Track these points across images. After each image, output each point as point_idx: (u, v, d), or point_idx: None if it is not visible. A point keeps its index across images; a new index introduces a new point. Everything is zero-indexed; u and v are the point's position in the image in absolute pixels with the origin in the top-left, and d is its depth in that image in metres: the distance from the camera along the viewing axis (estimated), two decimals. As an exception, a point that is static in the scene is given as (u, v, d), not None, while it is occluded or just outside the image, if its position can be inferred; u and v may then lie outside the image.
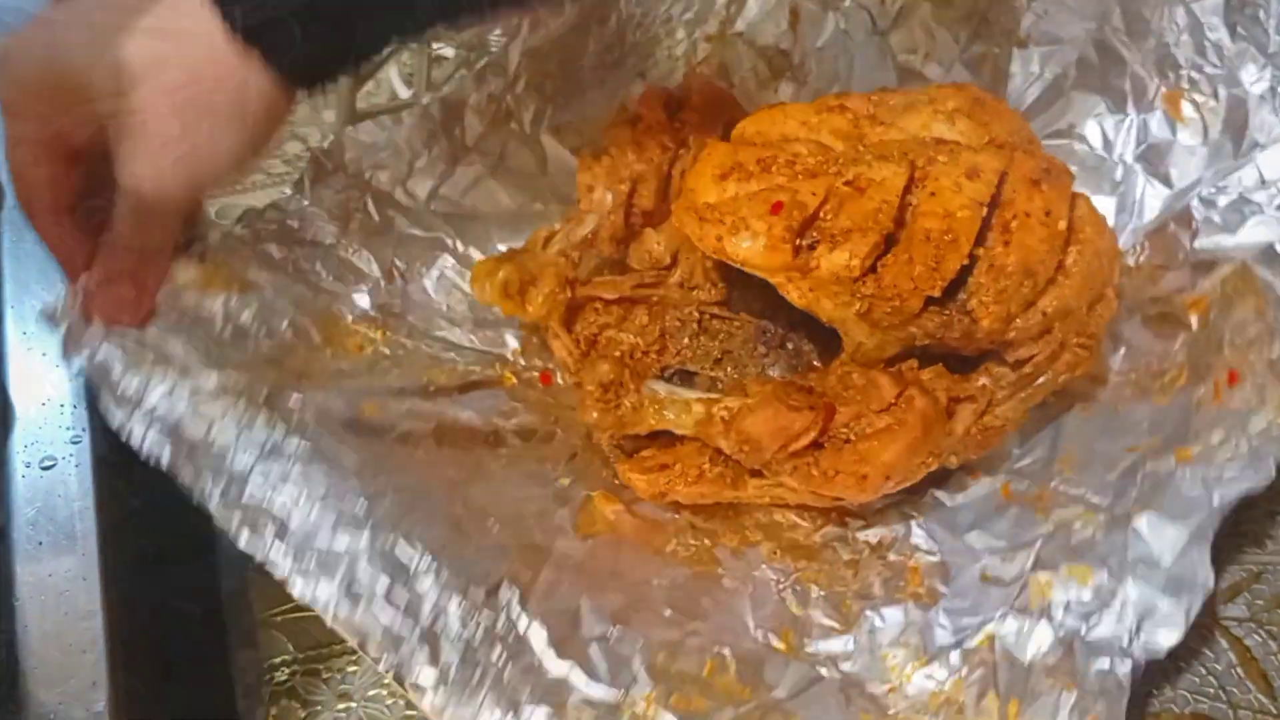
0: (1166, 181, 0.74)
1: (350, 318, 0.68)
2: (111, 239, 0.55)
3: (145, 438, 0.54)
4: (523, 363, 0.72)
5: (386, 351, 0.68)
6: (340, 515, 0.54)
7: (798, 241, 0.61)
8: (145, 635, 0.60)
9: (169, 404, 0.55)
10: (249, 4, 0.50)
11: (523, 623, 0.54)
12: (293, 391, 0.59)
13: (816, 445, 0.61)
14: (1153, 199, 0.75)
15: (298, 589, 0.52)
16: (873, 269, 0.60)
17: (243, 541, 0.53)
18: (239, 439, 0.55)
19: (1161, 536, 0.55)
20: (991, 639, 0.55)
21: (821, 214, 0.61)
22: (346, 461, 0.57)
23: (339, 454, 0.58)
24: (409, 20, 0.54)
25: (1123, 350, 0.69)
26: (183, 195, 0.54)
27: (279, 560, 0.53)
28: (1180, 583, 0.53)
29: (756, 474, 0.63)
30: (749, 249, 0.61)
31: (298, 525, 0.54)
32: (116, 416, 0.55)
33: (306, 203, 0.68)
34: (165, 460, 0.54)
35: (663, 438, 0.66)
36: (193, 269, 0.61)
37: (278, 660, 0.60)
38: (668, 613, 0.58)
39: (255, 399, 0.57)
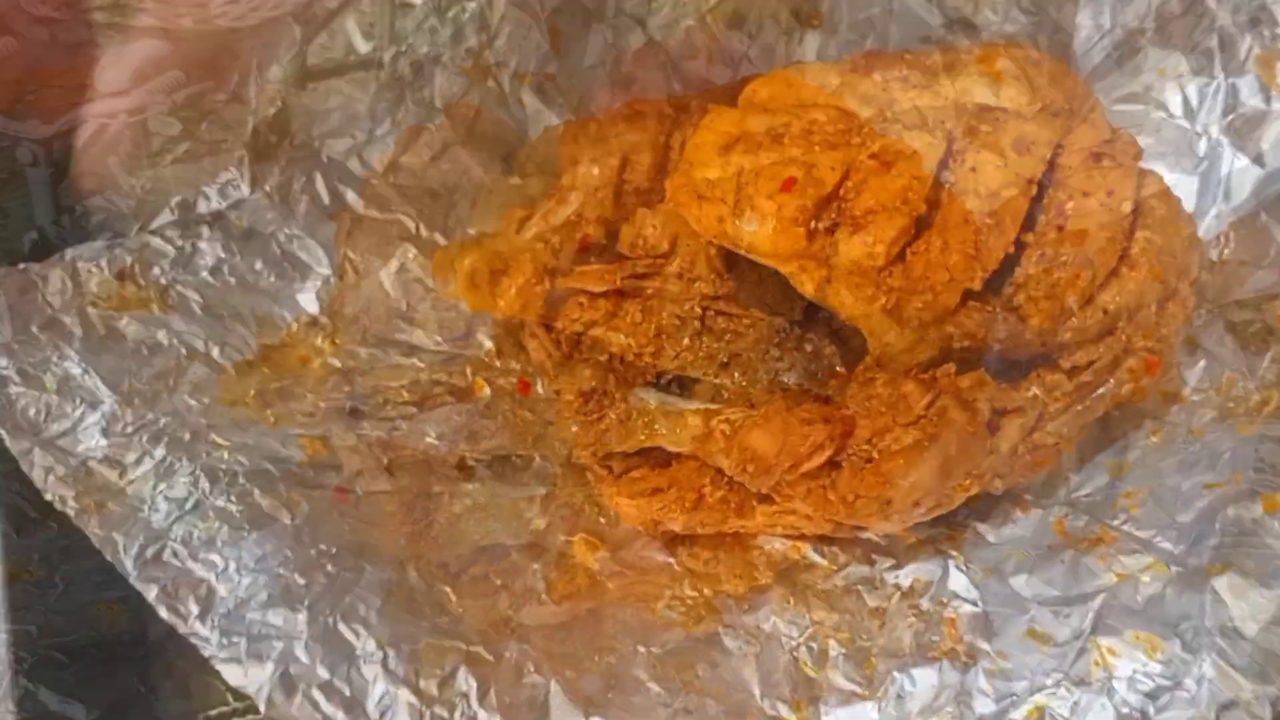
0: (1259, 160, 0.71)
1: (294, 325, 0.67)
2: None
3: (48, 477, 0.54)
4: (498, 365, 0.70)
5: (337, 364, 0.67)
6: (275, 586, 0.54)
7: (813, 224, 0.59)
8: (59, 684, 0.59)
9: (74, 439, 0.55)
10: None
11: (481, 717, 0.54)
12: (221, 433, 0.59)
13: (833, 465, 0.59)
14: (1241, 180, 0.72)
15: (226, 672, 0.53)
16: (901, 257, 0.59)
17: (163, 612, 0.53)
18: (157, 490, 0.55)
19: (1245, 602, 0.54)
20: (1041, 711, 0.55)
21: (841, 192, 0.59)
22: (282, 520, 0.57)
23: (274, 511, 0.58)
24: None
25: (1201, 363, 0.67)
26: None
27: (204, 636, 0.53)
28: (1267, 662, 0.52)
29: (765, 499, 0.62)
30: (755, 232, 0.59)
31: (226, 595, 0.54)
32: (16, 444, 0.55)
33: (246, 189, 0.67)
34: (71, 507, 0.54)
35: (656, 456, 0.64)
36: (107, 282, 0.60)
37: (214, 712, 0.60)
38: (654, 689, 0.57)
39: (176, 442, 0.57)
